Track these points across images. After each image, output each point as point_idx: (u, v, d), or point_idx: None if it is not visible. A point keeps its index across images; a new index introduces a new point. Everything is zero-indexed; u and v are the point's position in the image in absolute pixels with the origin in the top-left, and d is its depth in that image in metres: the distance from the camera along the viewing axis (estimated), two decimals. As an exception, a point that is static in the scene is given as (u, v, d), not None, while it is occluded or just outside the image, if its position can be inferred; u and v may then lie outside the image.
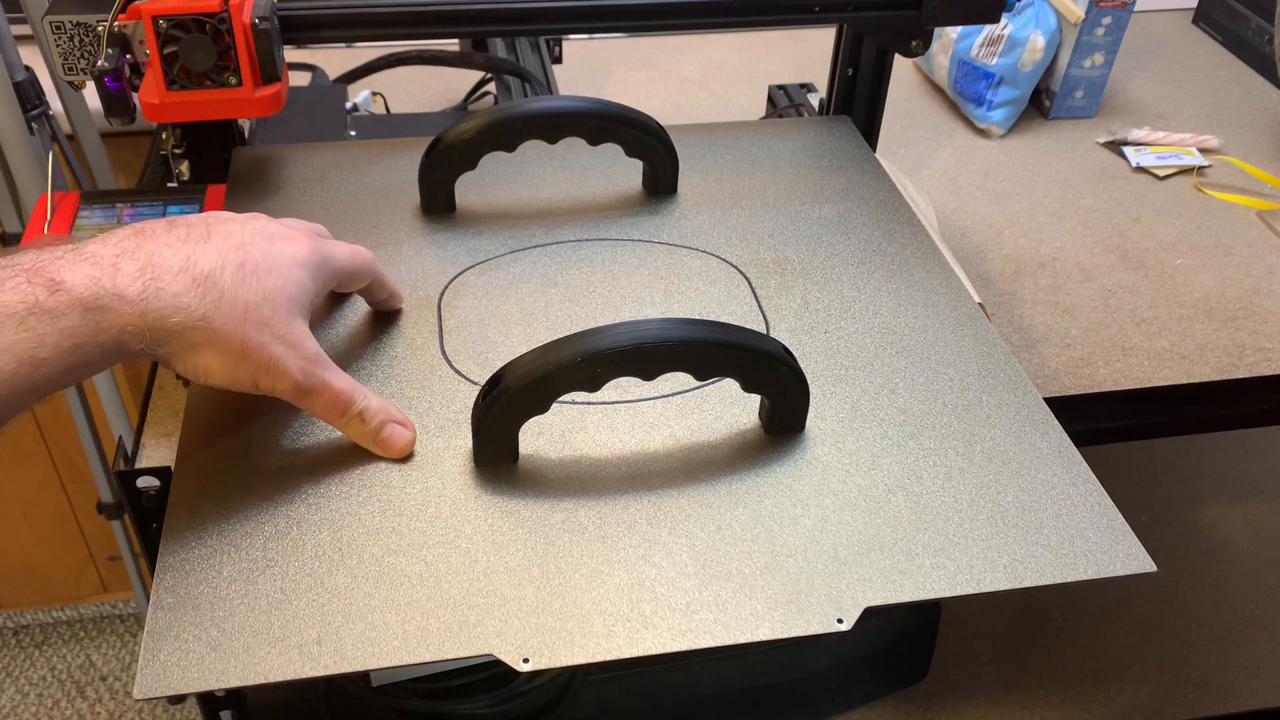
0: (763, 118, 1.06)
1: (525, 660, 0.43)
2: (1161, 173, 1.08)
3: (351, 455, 0.52)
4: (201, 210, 0.68)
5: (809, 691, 0.78)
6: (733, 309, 0.62)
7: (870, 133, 0.82)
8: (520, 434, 0.51)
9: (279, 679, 0.42)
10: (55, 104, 0.96)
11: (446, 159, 0.67)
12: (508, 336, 0.59)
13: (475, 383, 0.56)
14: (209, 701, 0.69)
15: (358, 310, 0.61)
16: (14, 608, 1.70)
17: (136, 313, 0.45)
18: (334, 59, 1.08)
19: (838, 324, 0.61)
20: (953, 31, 1.15)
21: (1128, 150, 1.11)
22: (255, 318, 0.47)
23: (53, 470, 1.47)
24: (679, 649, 0.44)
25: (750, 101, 1.18)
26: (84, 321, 0.43)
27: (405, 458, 0.52)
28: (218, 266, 0.47)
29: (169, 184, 0.74)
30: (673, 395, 0.55)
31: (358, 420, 0.51)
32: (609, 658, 0.43)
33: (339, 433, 0.52)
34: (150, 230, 0.48)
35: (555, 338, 0.49)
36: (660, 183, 0.71)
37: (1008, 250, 0.97)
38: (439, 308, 0.61)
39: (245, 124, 0.84)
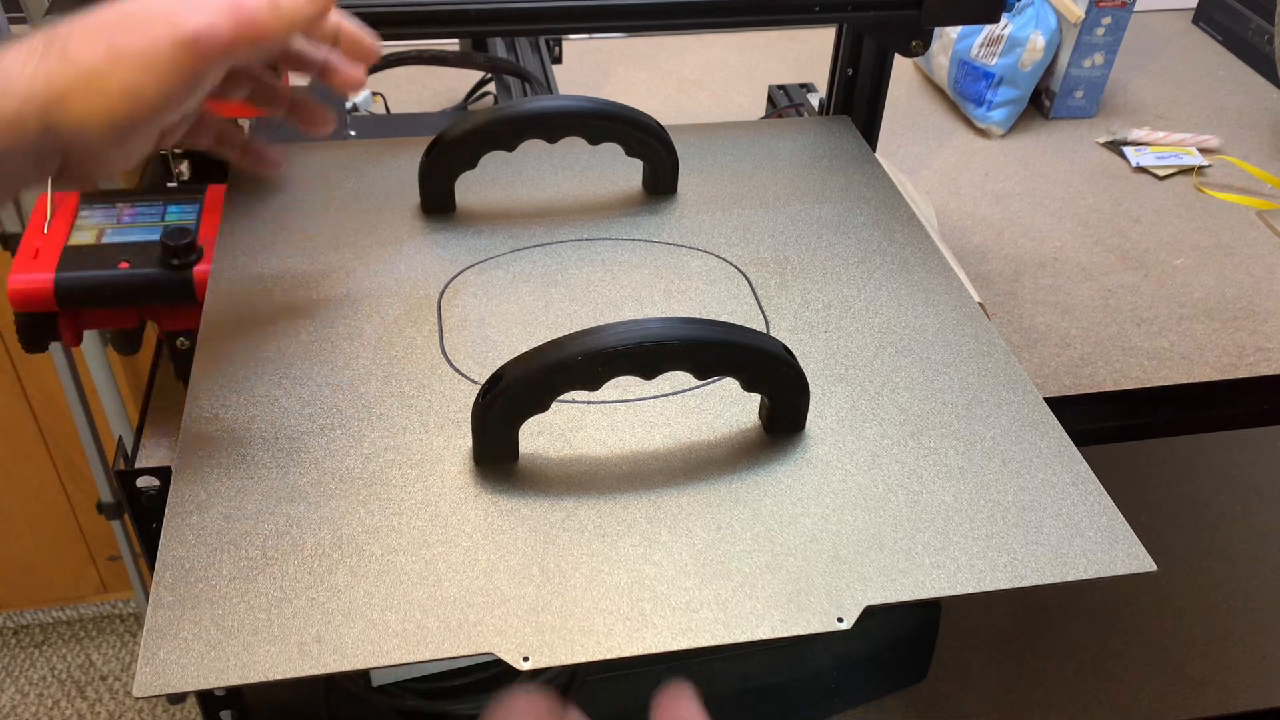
0: (763, 118, 1.06)
1: (525, 659, 0.43)
2: (1161, 173, 1.08)
3: (351, 454, 0.52)
4: (201, 210, 0.68)
5: (809, 691, 0.78)
6: (733, 309, 0.62)
7: (870, 133, 0.82)
8: (520, 433, 0.51)
9: (279, 677, 0.42)
10: (55, 104, 0.96)
11: (446, 159, 0.67)
12: (508, 335, 0.59)
13: (475, 382, 0.56)
14: (209, 701, 0.69)
15: (358, 310, 0.61)
16: (14, 608, 1.70)
17: (15, 103, 0.42)
18: (334, 59, 1.08)
19: (838, 324, 0.61)
20: (953, 31, 1.15)
21: (1128, 150, 1.11)
22: (109, 18, 0.43)
23: (53, 470, 1.47)
24: (679, 648, 0.44)
25: (750, 101, 1.18)
26: None
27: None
28: (62, 20, 0.44)
29: (169, 184, 0.74)
30: (673, 395, 0.55)
31: (271, 10, 0.46)
32: (609, 656, 0.43)
33: (339, 432, 0.52)
34: None
35: (555, 337, 0.49)
36: (660, 182, 0.71)
37: (1008, 250, 0.97)
38: (439, 307, 0.61)
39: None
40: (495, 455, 0.51)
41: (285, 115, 0.56)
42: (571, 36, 1.26)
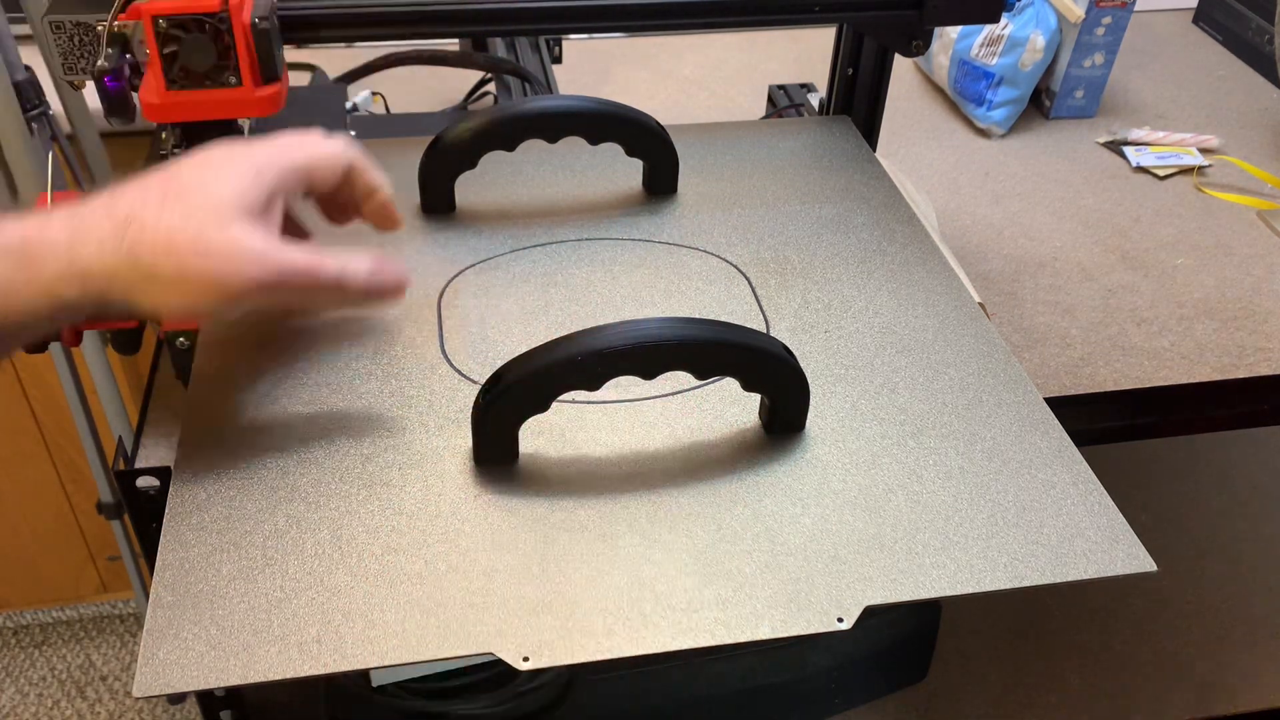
0: (763, 118, 1.06)
1: (525, 659, 0.43)
2: (1161, 172, 1.08)
3: (351, 454, 0.52)
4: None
5: (809, 691, 0.78)
6: (733, 308, 0.62)
7: (870, 133, 0.82)
8: (520, 433, 0.51)
9: (278, 677, 0.42)
10: (55, 104, 0.96)
11: (446, 159, 0.67)
12: (508, 335, 0.59)
13: (475, 382, 0.56)
14: (209, 701, 0.69)
15: (357, 312, 0.61)
16: (14, 608, 1.70)
17: (65, 261, 0.44)
18: (334, 59, 1.08)
19: (838, 324, 0.61)
20: (953, 31, 1.15)
21: (1128, 150, 1.11)
22: (183, 240, 0.45)
23: (53, 470, 1.47)
24: (679, 648, 0.44)
25: (750, 101, 1.18)
26: (16, 270, 0.44)
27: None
28: (139, 202, 0.46)
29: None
30: (673, 395, 0.55)
31: (336, 290, 0.49)
32: (609, 657, 0.43)
33: (339, 432, 0.52)
34: (99, 192, 0.47)
35: (555, 337, 0.49)
36: (660, 182, 0.71)
37: (1008, 250, 0.97)
38: (439, 307, 0.61)
39: (245, 124, 0.84)
40: (495, 455, 0.51)
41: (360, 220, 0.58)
42: (571, 36, 1.26)
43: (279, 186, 0.50)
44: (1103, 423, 0.81)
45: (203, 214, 0.46)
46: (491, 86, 1.10)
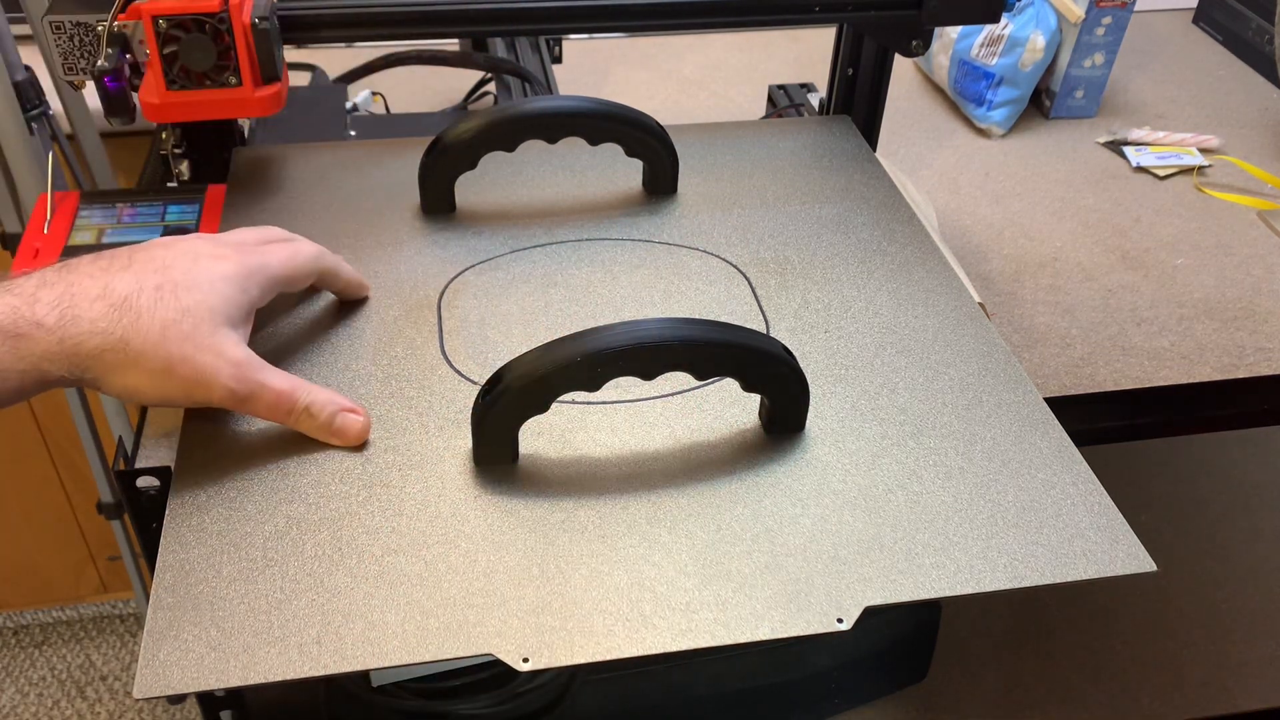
0: (763, 118, 1.06)
1: (525, 660, 0.43)
2: (1162, 173, 1.08)
3: (351, 455, 0.52)
4: (201, 210, 0.68)
5: (809, 691, 0.78)
6: (733, 309, 0.62)
7: (870, 133, 0.82)
8: (520, 434, 0.51)
9: (279, 679, 0.42)
10: (55, 104, 0.96)
11: (446, 159, 0.67)
12: (508, 336, 0.59)
13: (475, 382, 0.56)
14: (209, 701, 0.69)
15: (358, 311, 0.61)
16: (14, 608, 1.70)
17: (54, 340, 0.46)
18: (334, 59, 1.08)
19: (838, 324, 0.61)
20: (953, 31, 1.15)
21: (1128, 150, 1.11)
22: (175, 334, 0.48)
23: (53, 470, 1.47)
24: (679, 649, 0.44)
25: (750, 101, 1.18)
26: (3, 348, 0.45)
27: (361, 446, 0.52)
28: (135, 290, 0.48)
29: (169, 184, 0.74)
30: (673, 395, 0.55)
31: (306, 415, 0.51)
32: (609, 657, 0.43)
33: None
34: (75, 264, 0.49)
35: (555, 337, 0.49)
36: (660, 182, 0.71)
37: (1008, 250, 0.97)
38: (439, 308, 0.61)
39: (245, 124, 0.84)
40: (495, 456, 0.51)
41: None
42: (571, 36, 1.26)
43: (259, 300, 0.53)
44: (1103, 423, 0.81)
45: (196, 315, 0.48)
46: (491, 86, 1.10)
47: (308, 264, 0.56)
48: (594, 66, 1.25)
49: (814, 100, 1.03)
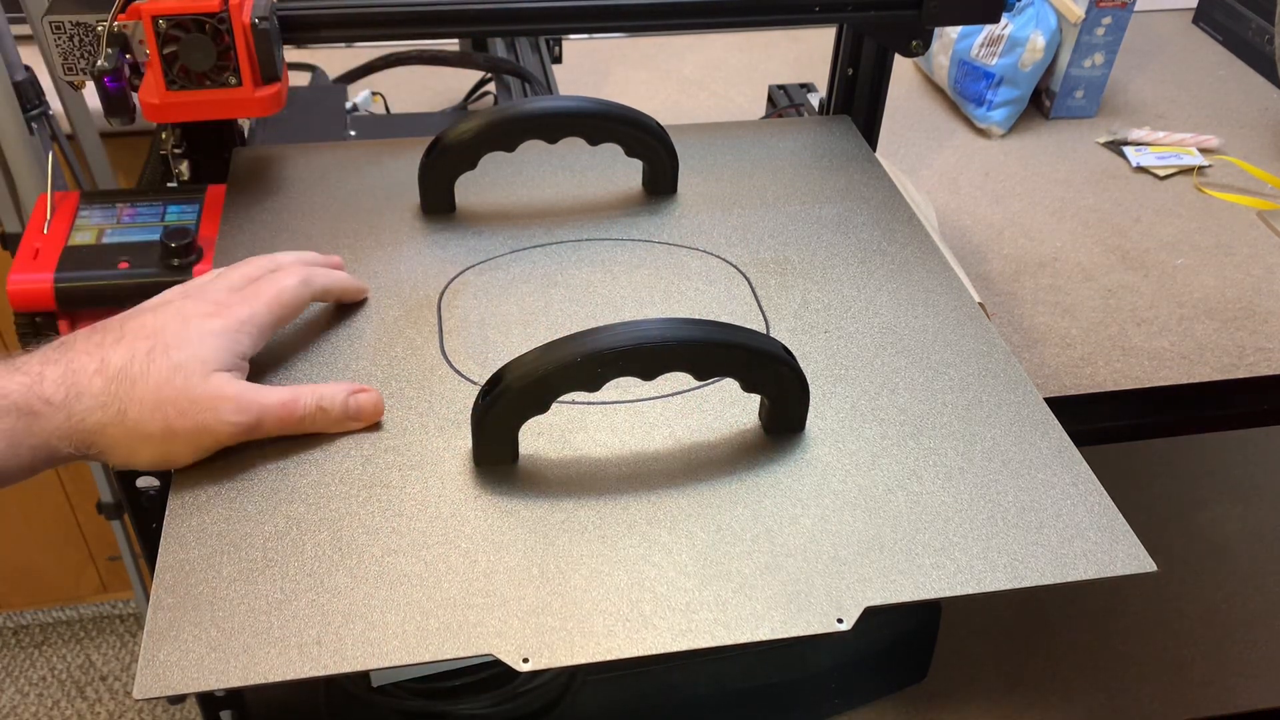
0: (763, 118, 1.06)
1: (525, 660, 0.43)
2: (1161, 173, 1.08)
3: (351, 455, 0.52)
4: (201, 210, 0.68)
5: (809, 691, 0.78)
6: (733, 309, 0.62)
7: (870, 133, 0.82)
8: (520, 434, 0.51)
9: (279, 679, 0.42)
10: (55, 104, 0.96)
11: (446, 159, 0.67)
12: (508, 336, 0.59)
13: (475, 383, 0.56)
14: (209, 701, 0.69)
15: (358, 311, 0.61)
16: (14, 608, 1.70)
17: (62, 417, 0.47)
18: (334, 59, 1.08)
19: (838, 324, 0.61)
20: (953, 31, 1.15)
21: (1128, 150, 1.11)
22: (169, 393, 0.48)
23: (53, 470, 1.47)
24: (679, 649, 0.44)
25: (750, 101, 1.18)
26: (19, 424, 0.46)
27: (369, 430, 0.52)
28: (128, 359, 0.49)
29: (169, 184, 0.74)
30: (673, 395, 0.55)
31: (320, 413, 0.52)
32: (609, 658, 0.43)
33: (339, 434, 0.52)
34: (71, 340, 0.50)
35: (555, 338, 0.49)
36: (660, 183, 0.71)
37: (1008, 250, 0.97)
38: (439, 308, 0.61)
39: (245, 124, 0.84)
40: (495, 456, 0.51)
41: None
42: (571, 36, 1.26)
43: (251, 349, 0.53)
44: (1102, 423, 0.81)
45: (188, 369, 0.49)
46: (491, 86, 1.10)
47: (295, 300, 0.56)
48: (594, 66, 1.25)
49: (814, 100, 1.03)
